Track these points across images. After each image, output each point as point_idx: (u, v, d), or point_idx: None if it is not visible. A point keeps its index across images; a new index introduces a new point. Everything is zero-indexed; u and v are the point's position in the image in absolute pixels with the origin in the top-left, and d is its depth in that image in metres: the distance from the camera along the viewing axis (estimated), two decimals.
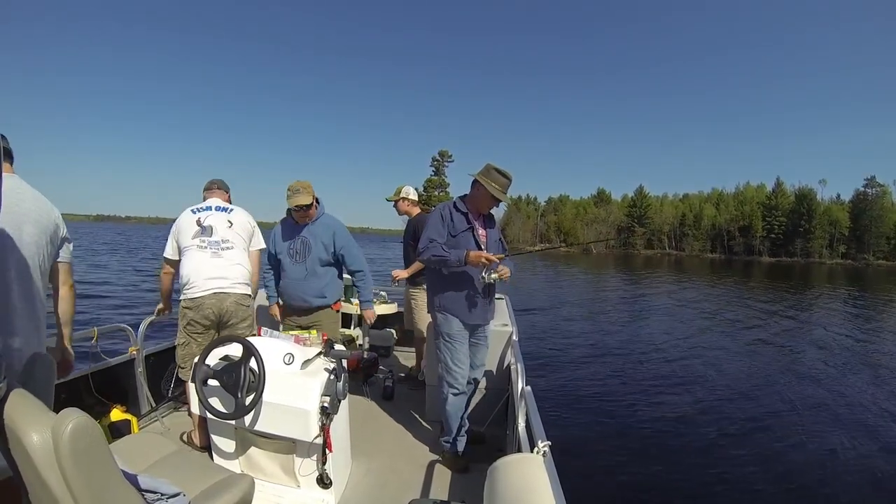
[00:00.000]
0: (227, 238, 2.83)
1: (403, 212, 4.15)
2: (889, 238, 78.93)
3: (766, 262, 77.27)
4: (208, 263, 2.75)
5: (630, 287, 25.46)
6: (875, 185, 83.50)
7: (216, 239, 2.79)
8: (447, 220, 2.80)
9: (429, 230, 2.78)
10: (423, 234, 2.78)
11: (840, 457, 5.07)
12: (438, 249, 2.70)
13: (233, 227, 2.88)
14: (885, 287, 31.12)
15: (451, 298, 2.78)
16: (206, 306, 2.71)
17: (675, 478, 4.51)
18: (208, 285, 2.72)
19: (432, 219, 2.84)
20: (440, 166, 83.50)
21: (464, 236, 2.78)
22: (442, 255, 2.68)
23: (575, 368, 8.19)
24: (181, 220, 2.84)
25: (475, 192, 2.84)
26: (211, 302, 2.71)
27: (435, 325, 2.88)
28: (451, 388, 2.81)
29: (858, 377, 8.31)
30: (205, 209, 2.88)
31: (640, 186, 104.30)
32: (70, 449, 1.07)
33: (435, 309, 2.85)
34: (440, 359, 2.87)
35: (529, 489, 1.39)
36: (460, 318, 2.78)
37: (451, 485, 2.65)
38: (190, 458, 2.01)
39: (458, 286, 2.76)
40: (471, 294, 2.76)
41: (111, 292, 13.48)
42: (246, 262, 2.91)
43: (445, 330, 2.80)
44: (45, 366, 1.38)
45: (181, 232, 2.81)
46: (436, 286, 2.83)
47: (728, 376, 8.04)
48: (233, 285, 2.78)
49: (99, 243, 36.22)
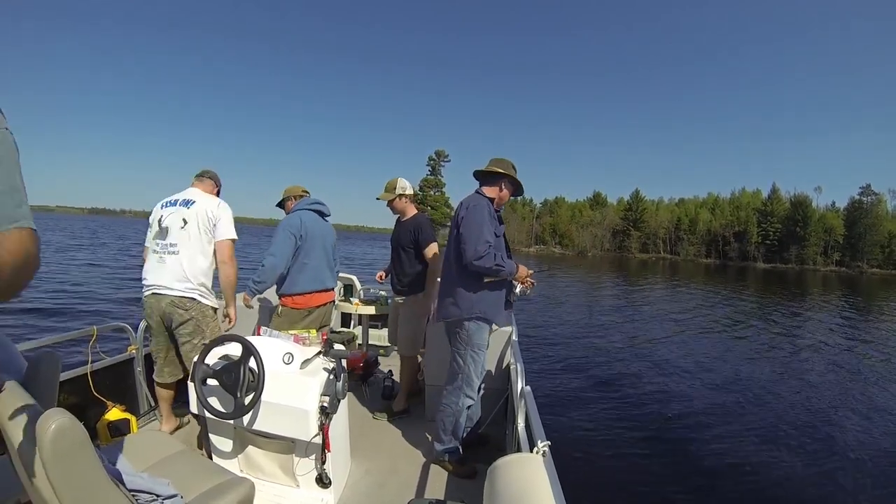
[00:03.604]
0: (175, 242, 2.76)
1: (400, 210, 3.59)
2: (883, 246, 79.27)
3: (760, 267, 77.56)
4: (153, 266, 2.79)
5: (626, 290, 25.50)
6: (870, 193, 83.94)
7: (166, 242, 2.79)
8: (493, 218, 2.63)
9: (485, 231, 2.52)
10: (479, 235, 2.50)
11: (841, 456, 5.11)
12: (498, 258, 2.52)
13: (186, 225, 2.76)
14: (881, 295, 31.31)
15: (491, 304, 2.65)
16: (147, 305, 2.80)
17: (675, 478, 4.53)
18: (149, 287, 2.79)
19: (482, 217, 2.57)
20: (436, 166, 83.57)
21: (502, 238, 2.71)
22: (501, 265, 2.51)
23: (575, 368, 8.20)
24: (152, 215, 2.91)
25: (499, 187, 2.73)
26: (150, 302, 2.78)
27: (465, 335, 2.68)
28: (468, 398, 2.72)
29: (857, 380, 8.35)
30: (169, 205, 2.86)
31: (637, 190, 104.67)
32: (52, 450, 1.08)
33: (470, 315, 2.64)
34: (463, 370, 2.71)
35: (529, 489, 1.40)
36: (495, 324, 2.75)
37: (450, 485, 2.65)
38: (191, 459, 2.00)
39: (499, 292, 2.69)
40: (506, 300, 2.74)
41: (111, 291, 13.42)
42: (193, 262, 2.76)
43: (477, 340, 2.67)
44: (51, 364, 1.38)
45: (150, 227, 2.90)
46: (476, 291, 2.61)
47: (727, 377, 8.09)
48: (168, 288, 2.74)
49: (98, 243, 35.89)
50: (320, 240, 3.29)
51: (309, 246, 3.20)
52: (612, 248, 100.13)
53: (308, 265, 3.20)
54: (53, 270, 16.37)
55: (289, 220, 3.20)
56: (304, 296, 3.21)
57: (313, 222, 3.27)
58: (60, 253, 23.67)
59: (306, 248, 3.19)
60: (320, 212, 3.39)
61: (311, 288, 3.22)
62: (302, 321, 3.19)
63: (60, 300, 11.18)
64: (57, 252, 23.80)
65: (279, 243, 3.11)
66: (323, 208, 3.42)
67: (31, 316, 9.33)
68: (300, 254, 3.18)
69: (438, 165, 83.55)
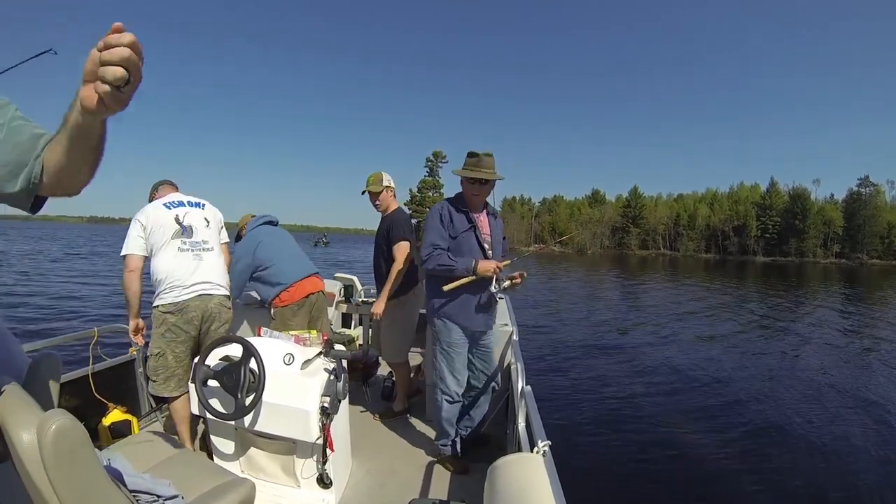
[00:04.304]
0: (207, 239, 2.74)
1: (384, 204, 3.44)
2: (882, 237, 79.48)
3: (760, 261, 77.65)
4: (191, 266, 2.63)
5: (627, 287, 25.54)
6: (868, 184, 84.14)
7: (197, 240, 2.68)
8: (447, 220, 2.65)
9: (430, 234, 2.62)
10: (425, 239, 2.63)
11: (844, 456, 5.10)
12: (444, 258, 2.56)
13: (209, 225, 2.80)
14: (882, 285, 31.35)
15: (452, 305, 2.63)
16: (191, 308, 2.59)
17: (675, 477, 4.53)
18: (193, 288, 2.61)
19: (431, 221, 2.67)
20: (434, 167, 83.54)
21: (465, 237, 2.65)
22: (449, 265, 2.55)
23: (575, 368, 8.20)
24: (155, 216, 2.62)
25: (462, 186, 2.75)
26: (196, 304, 2.60)
27: (433, 332, 2.76)
28: (444, 395, 2.73)
29: (862, 374, 8.36)
30: (178, 204, 2.71)
31: (635, 187, 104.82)
32: (53, 451, 1.07)
33: (434, 315, 2.71)
34: (436, 366, 2.77)
35: (529, 489, 1.39)
36: (462, 325, 2.67)
37: (451, 485, 2.65)
38: (192, 460, 2.00)
39: (466, 294, 2.62)
40: (473, 299, 2.63)
41: (112, 293, 13.44)
42: (224, 262, 2.86)
43: (444, 338, 2.68)
44: (52, 365, 1.38)
45: (157, 228, 2.59)
46: (435, 291, 2.64)
47: (728, 376, 8.08)
48: (215, 287, 2.72)
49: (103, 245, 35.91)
50: (278, 241, 3.39)
51: (268, 253, 3.27)
52: (612, 245, 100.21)
53: (275, 265, 3.27)
54: (52, 277, 16.41)
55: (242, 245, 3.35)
56: (287, 290, 3.24)
57: (265, 234, 3.38)
58: (58, 263, 23.71)
59: (266, 255, 3.26)
60: (270, 222, 3.53)
61: (288, 279, 3.26)
62: (294, 316, 3.22)
63: (61, 304, 11.22)
64: (54, 262, 23.82)
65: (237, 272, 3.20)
66: (271, 218, 3.56)
67: (31, 319, 9.36)
68: (263, 263, 3.26)
69: (436, 167, 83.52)
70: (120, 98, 0.73)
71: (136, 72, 0.72)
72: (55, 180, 0.97)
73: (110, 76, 0.69)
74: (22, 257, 25.05)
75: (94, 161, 0.94)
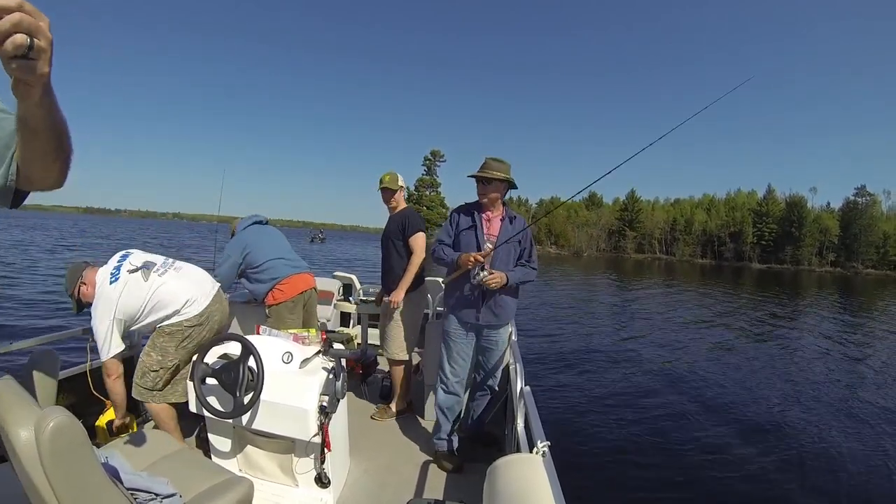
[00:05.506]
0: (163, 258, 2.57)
1: (395, 202, 3.59)
2: (878, 247, 79.88)
3: (755, 268, 77.91)
4: (182, 280, 2.48)
5: (623, 290, 25.58)
6: (865, 193, 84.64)
7: (159, 262, 2.50)
8: (455, 220, 2.89)
9: (440, 233, 2.94)
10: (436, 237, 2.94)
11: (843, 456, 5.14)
12: (440, 251, 2.84)
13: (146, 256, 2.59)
14: (877, 295, 31.51)
15: (451, 297, 2.85)
16: (214, 313, 2.53)
17: (675, 478, 4.54)
18: (207, 294, 2.53)
19: (444, 222, 2.98)
20: (432, 166, 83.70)
21: (465, 234, 2.80)
22: (441, 257, 2.83)
23: (574, 368, 8.21)
24: (120, 294, 2.28)
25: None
26: (216, 307, 2.54)
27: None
28: (441, 384, 2.89)
29: (858, 380, 8.40)
30: (116, 267, 2.38)
31: (632, 190, 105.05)
32: (50, 448, 1.08)
33: (444, 306, 2.97)
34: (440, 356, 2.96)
35: (528, 489, 1.39)
36: (457, 316, 2.83)
37: (450, 484, 2.65)
38: (189, 458, 1.99)
39: (455, 284, 2.80)
40: (464, 293, 2.77)
41: None
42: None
43: (445, 327, 2.89)
44: (50, 362, 1.37)
45: (126, 301, 2.30)
46: (446, 285, 2.91)
47: (726, 377, 8.12)
48: (214, 285, 2.66)
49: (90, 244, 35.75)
50: (267, 240, 3.45)
51: (257, 253, 3.32)
52: (608, 248, 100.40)
53: (266, 263, 3.32)
54: (47, 271, 16.30)
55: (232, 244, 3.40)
56: (281, 288, 3.28)
57: (254, 233, 3.45)
58: (56, 254, 23.54)
59: (256, 255, 3.31)
60: (258, 221, 3.58)
61: (279, 275, 3.30)
62: (291, 313, 3.28)
63: (58, 299, 11.13)
64: (48, 252, 23.66)
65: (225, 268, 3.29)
66: (260, 218, 3.61)
67: (29, 315, 9.29)
68: (255, 261, 3.31)
69: (434, 165, 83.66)
70: (32, 66, 0.66)
71: (38, 32, 0.64)
72: (27, 174, 0.95)
73: (11, 48, 0.62)
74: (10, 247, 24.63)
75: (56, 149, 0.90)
